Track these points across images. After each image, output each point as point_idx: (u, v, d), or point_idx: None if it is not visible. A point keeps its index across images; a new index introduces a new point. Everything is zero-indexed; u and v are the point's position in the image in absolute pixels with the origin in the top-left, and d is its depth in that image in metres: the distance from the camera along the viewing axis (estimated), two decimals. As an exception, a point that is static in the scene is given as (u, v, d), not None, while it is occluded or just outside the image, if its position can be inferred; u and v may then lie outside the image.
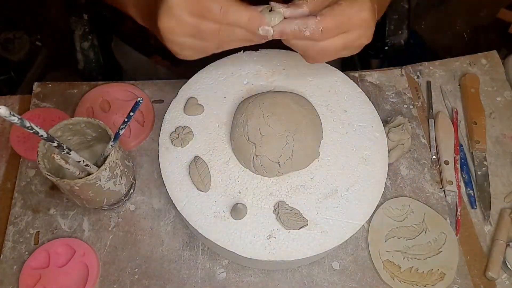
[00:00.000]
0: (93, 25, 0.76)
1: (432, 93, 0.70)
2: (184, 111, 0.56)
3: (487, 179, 0.63)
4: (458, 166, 0.63)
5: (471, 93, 0.69)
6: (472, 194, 0.62)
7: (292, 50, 0.60)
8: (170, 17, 0.42)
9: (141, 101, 0.45)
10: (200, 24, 0.43)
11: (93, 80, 0.78)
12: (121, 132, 0.48)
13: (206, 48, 0.47)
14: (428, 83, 0.71)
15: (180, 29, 0.43)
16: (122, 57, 0.84)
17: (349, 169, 0.53)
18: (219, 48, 0.47)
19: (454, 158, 0.64)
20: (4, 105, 0.35)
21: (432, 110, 0.68)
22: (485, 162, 0.64)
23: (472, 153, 0.65)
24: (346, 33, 0.45)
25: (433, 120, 0.67)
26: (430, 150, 0.65)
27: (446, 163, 0.63)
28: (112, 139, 0.48)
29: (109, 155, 0.48)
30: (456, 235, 0.58)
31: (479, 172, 0.63)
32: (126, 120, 0.47)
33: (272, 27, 0.45)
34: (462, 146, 0.65)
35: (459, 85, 0.71)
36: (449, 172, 0.62)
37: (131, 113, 0.46)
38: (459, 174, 0.63)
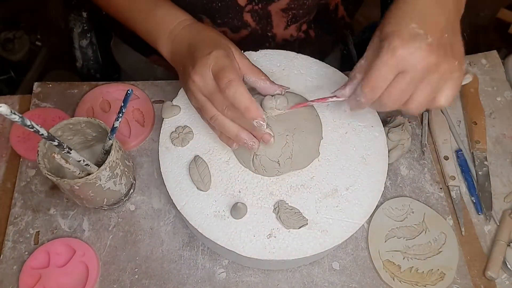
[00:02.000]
0: (92, 23, 0.76)
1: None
2: (162, 115, 0.55)
3: (488, 179, 0.62)
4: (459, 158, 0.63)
5: (470, 93, 0.69)
6: (475, 201, 0.61)
7: (292, 50, 0.61)
8: (198, 73, 0.48)
9: (129, 92, 0.46)
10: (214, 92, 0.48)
11: (91, 78, 0.78)
12: (116, 124, 0.47)
13: (203, 116, 0.51)
14: None
15: (201, 86, 0.48)
16: (121, 56, 0.84)
17: (349, 168, 0.53)
18: (212, 127, 0.52)
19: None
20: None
21: None
22: (485, 162, 0.64)
23: (472, 153, 0.65)
24: (403, 73, 0.42)
25: (427, 113, 0.68)
26: (421, 142, 0.65)
27: (446, 158, 0.63)
28: (109, 132, 0.48)
29: (110, 150, 0.48)
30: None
31: (480, 172, 0.63)
32: (120, 115, 0.47)
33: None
34: (461, 151, 0.65)
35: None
36: (450, 167, 0.62)
37: (122, 105, 0.47)
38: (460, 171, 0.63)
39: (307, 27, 0.71)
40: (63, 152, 0.45)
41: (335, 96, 0.50)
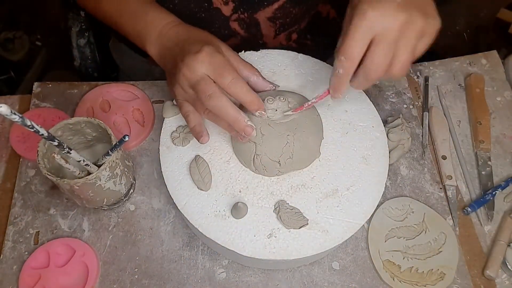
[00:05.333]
0: (89, 23, 0.76)
1: (432, 93, 0.70)
2: (163, 114, 0.55)
3: (491, 179, 0.62)
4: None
5: (476, 93, 0.69)
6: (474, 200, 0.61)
7: (292, 50, 0.61)
8: (189, 67, 0.47)
9: (125, 139, 0.46)
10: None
11: (89, 77, 0.77)
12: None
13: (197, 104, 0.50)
14: (426, 78, 0.71)
15: (191, 79, 0.48)
16: (119, 56, 0.84)
17: (350, 168, 0.53)
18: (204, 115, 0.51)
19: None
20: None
21: (427, 104, 0.69)
22: (489, 162, 0.64)
23: (476, 153, 0.65)
24: (379, 35, 0.41)
25: (427, 113, 0.67)
26: (422, 142, 0.65)
27: (444, 157, 0.63)
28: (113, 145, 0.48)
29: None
30: None
31: (483, 172, 0.63)
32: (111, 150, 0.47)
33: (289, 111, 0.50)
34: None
35: (465, 85, 0.71)
36: (447, 167, 0.62)
37: (117, 144, 0.47)
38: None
39: (297, 37, 0.71)
40: (63, 152, 0.45)
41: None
